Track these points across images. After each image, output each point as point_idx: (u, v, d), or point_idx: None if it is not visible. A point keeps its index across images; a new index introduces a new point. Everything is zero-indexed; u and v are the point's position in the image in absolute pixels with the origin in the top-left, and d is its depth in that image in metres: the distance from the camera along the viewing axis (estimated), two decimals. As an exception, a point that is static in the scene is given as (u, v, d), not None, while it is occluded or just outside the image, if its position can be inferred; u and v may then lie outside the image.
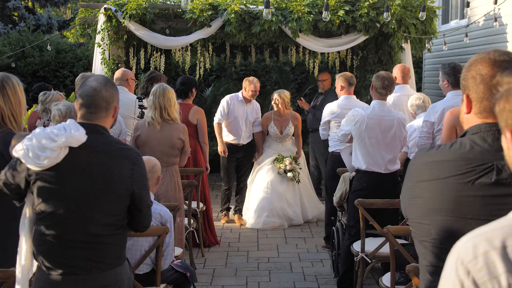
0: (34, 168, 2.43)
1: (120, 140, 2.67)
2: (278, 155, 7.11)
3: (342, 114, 5.82)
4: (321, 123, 6.14)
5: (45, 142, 2.40)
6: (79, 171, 2.45)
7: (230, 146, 7.14)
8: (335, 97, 8.11)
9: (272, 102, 7.16)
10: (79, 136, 2.43)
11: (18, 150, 2.46)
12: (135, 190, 2.54)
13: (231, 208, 7.42)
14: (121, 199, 2.52)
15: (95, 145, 2.49)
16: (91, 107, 2.54)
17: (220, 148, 7.07)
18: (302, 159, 7.43)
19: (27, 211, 2.55)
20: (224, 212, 7.37)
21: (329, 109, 6.06)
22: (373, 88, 4.90)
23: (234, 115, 7.04)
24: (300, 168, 7.19)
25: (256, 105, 7.29)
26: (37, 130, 2.49)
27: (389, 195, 4.62)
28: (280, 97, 7.08)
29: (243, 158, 7.28)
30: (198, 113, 6.17)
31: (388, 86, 4.84)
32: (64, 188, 2.45)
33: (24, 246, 2.52)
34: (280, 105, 7.08)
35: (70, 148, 2.44)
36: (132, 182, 2.53)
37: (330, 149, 6.08)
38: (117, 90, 2.66)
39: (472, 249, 1.07)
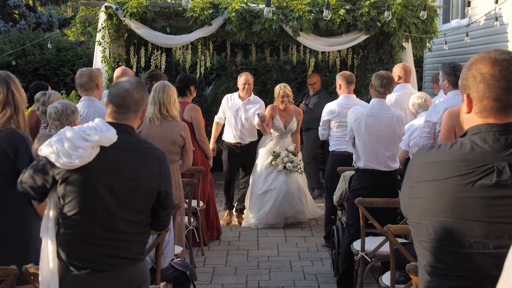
0: (65, 167, 2.45)
1: (147, 140, 2.70)
2: (273, 153, 6.92)
3: (342, 113, 5.83)
4: (321, 122, 6.12)
5: (78, 142, 2.43)
6: (109, 170, 2.49)
7: (230, 146, 7.02)
8: (328, 96, 8.27)
9: (280, 97, 6.87)
10: (111, 135, 2.48)
11: (46, 150, 2.48)
12: (161, 189, 2.60)
13: (233, 206, 7.26)
14: (148, 198, 2.57)
15: (125, 145, 2.54)
16: (120, 107, 2.60)
17: (210, 146, 6.84)
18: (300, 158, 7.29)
19: (50, 213, 2.55)
20: (227, 212, 7.21)
21: (329, 108, 6.06)
22: (372, 87, 4.94)
23: (229, 114, 6.96)
24: (300, 160, 7.02)
25: (256, 101, 7.04)
26: (66, 129, 2.52)
27: (388, 194, 4.62)
28: (288, 90, 6.89)
29: (246, 159, 7.07)
30: (193, 110, 6.10)
31: (386, 85, 4.87)
32: (93, 187, 2.48)
33: (51, 248, 2.52)
34: (289, 98, 6.88)
35: (101, 147, 2.47)
36: (160, 181, 2.59)
37: (331, 148, 6.10)
38: (147, 93, 2.72)
39: None
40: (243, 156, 7.04)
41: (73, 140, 2.44)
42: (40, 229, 2.59)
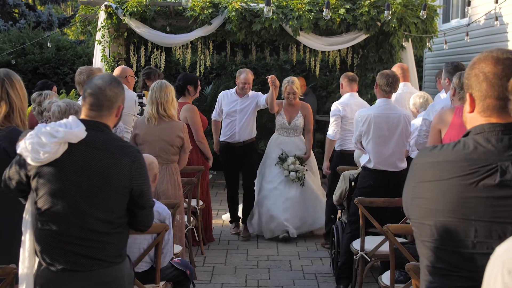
0: (33, 163, 2.46)
1: (121, 138, 2.67)
2: (282, 154, 6.50)
3: (350, 111, 5.92)
4: (331, 121, 6.08)
5: (45, 138, 2.43)
6: (77, 167, 2.47)
7: (226, 145, 6.60)
8: (314, 97, 8.32)
9: (286, 93, 6.44)
10: (78, 132, 2.46)
11: (20, 146, 2.50)
12: (134, 187, 2.54)
13: (240, 218, 6.77)
14: (119, 196, 2.53)
15: (94, 142, 2.51)
16: (93, 104, 2.57)
17: (214, 147, 6.70)
18: (314, 162, 6.80)
19: (29, 207, 2.57)
20: (233, 224, 6.75)
21: (340, 107, 6.07)
22: (378, 87, 4.91)
23: (226, 111, 6.57)
24: (306, 170, 6.52)
25: (255, 96, 6.58)
26: (41, 126, 2.52)
27: (396, 193, 4.59)
28: (295, 87, 6.42)
29: (246, 159, 6.56)
30: (188, 111, 6.00)
31: (392, 84, 4.86)
32: (62, 183, 2.47)
33: (27, 243, 2.54)
34: (295, 95, 6.45)
35: (70, 144, 2.46)
36: (131, 179, 2.53)
37: (338, 148, 6.11)
38: (122, 90, 2.67)
39: None
40: (242, 156, 6.55)
41: (42, 137, 2.44)
42: None
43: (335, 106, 6.09)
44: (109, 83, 2.60)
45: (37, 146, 2.43)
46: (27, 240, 2.53)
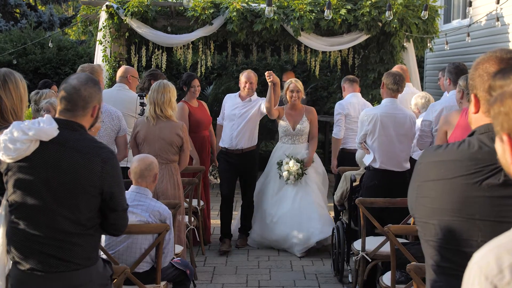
0: (5, 160, 2.47)
1: (96, 139, 2.65)
2: (280, 161, 6.06)
3: (354, 109, 6.00)
4: (335, 120, 6.12)
5: (17, 135, 2.43)
6: (47, 165, 2.47)
7: (224, 152, 6.17)
8: (305, 97, 8.33)
9: (289, 91, 6.00)
10: (49, 130, 2.45)
11: None
12: (104, 189, 2.52)
13: (231, 234, 6.24)
14: (88, 197, 2.51)
15: (66, 141, 2.50)
16: (68, 104, 2.56)
17: (215, 149, 6.43)
18: (320, 164, 6.33)
19: (4, 202, 2.57)
20: (223, 241, 6.12)
21: (340, 105, 6.11)
22: (384, 86, 4.91)
23: (227, 114, 6.19)
24: (303, 168, 5.96)
25: (258, 101, 6.14)
26: (14, 123, 2.52)
27: (398, 194, 4.58)
28: (299, 85, 6.02)
29: (245, 169, 6.13)
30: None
31: (399, 82, 4.86)
32: (32, 181, 2.47)
33: (1, 239, 2.54)
34: (299, 94, 6.01)
35: (42, 142, 2.46)
36: (102, 180, 2.51)
37: (342, 146, 6.13)
38: (98, 90, 2.65)
39: (496, 263, 1.02)
40: (241, 165, 6.10)
41: (14, 134, 2.44)
42: None
43: (338, 105, 6.15)
44: (85, 83, 2.58)
45: (8, 142, 2.44)
46: (1, 236, 2.53)
